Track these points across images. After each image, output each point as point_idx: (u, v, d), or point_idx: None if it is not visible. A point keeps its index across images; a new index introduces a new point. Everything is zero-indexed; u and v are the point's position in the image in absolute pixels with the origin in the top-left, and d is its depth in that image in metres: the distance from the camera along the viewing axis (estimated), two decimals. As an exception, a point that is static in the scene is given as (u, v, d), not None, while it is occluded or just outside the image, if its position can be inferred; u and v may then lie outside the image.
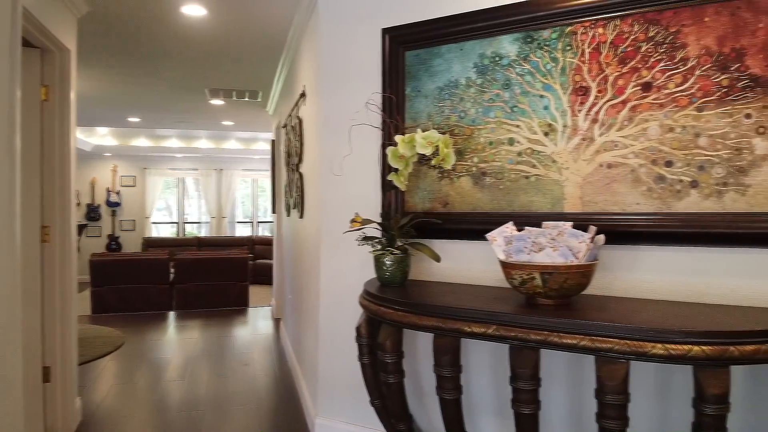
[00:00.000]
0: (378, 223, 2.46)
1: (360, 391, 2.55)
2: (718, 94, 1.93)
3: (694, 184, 1.98)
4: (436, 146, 2.27)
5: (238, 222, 12.52)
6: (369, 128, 2.62)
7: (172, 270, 7.50)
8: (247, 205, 12.70)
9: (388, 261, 2.37)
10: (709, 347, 1.53)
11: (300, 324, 4.02)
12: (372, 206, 2.69)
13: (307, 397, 3.43)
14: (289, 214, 4.89)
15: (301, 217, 3.89)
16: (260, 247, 10.62)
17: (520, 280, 1.93)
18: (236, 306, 7.42)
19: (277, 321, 6.43)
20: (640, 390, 2.04)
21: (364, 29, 2.73)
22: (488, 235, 2.09)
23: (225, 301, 7.38)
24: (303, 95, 3.63)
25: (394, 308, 2.09)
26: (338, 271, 2.86)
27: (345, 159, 2.76)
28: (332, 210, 2.88)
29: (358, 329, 2.38)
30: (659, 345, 1.57)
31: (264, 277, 9.50)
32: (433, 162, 2.34)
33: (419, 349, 2.56)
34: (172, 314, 7.00)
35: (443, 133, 2.34)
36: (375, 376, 2.36)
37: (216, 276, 7.40)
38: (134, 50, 4.60)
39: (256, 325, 6.41)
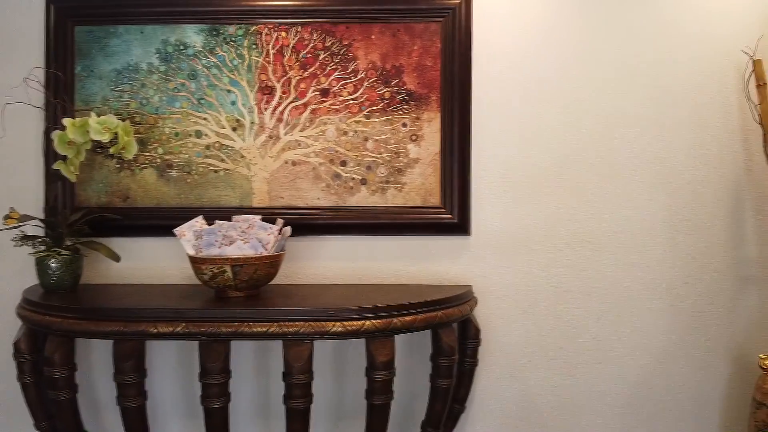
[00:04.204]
0: (41, 220, 2.13)
1: (20, 415, 2.16)
2: (382, 104, 2.23)
3: (363, 181, 2.25)
4: (115, 133, 2.08)
5: None
6: (29, 109, 2.24)
7: None
8: None
9: (54, 264, 2.07)
10: (378, 320, 1.78)
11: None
12: (34, 200, 2.30)
13: (-60, 440, 2.75)
14: None
15: (-71, 215, 3.09)
16: None
17: (211, 275, 1.91)
18: None
19: None
20: (322, 368, 2.23)
21: (22, -7, 2.32)
22: (176, 230, 2.01)
23: None
24: (-70, 62, 2.89)
25: (64, 316, 1.85)
26: (-14, 279, 2.37)
27: (-5, 144, 2.30)
28: (-24, 205, 2.36)
29: (16, 345, 2.02)
30: (338, 323, 1.76)
31: None
32: (111, 150, 2.13)
33: (95, 360, 2.31)
34: None
35: (123, 120, 2.16)
36: (41, 396, 2.04)
37: None
38: None
39: None
